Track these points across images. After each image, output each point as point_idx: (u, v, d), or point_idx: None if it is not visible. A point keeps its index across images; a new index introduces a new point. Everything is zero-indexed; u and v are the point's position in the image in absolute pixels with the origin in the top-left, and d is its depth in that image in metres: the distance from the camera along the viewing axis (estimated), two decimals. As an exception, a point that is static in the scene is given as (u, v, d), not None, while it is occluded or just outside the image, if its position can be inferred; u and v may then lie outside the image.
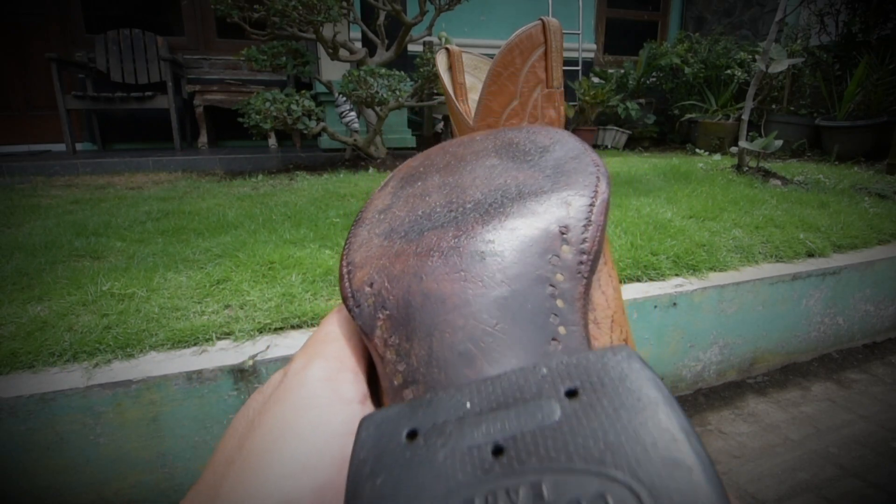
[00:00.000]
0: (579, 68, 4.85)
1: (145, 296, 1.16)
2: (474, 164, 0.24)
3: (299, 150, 3.87)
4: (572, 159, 0.22)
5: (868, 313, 1.63)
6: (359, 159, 3.35)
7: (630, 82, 4.75)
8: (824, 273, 1.50)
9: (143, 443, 0.91)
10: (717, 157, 3.65)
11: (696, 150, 4.18)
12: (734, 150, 2.96)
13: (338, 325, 0.21)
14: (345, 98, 3.29)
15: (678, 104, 4.68)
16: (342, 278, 0.21)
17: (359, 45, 3.41)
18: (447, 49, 0.43)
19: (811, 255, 1.59)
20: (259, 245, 1.48)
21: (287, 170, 3.29)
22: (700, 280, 1.37)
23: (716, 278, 1.38)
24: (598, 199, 0.20)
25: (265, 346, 1.00)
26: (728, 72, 4.40)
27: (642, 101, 4.70)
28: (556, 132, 0.25)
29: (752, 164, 2.78)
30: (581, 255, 0.18)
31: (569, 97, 4.68)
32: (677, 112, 4.69)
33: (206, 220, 1.84)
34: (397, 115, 3.80)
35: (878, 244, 1.74)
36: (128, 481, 0.92)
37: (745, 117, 2.63)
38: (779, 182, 2.52)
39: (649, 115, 4.73)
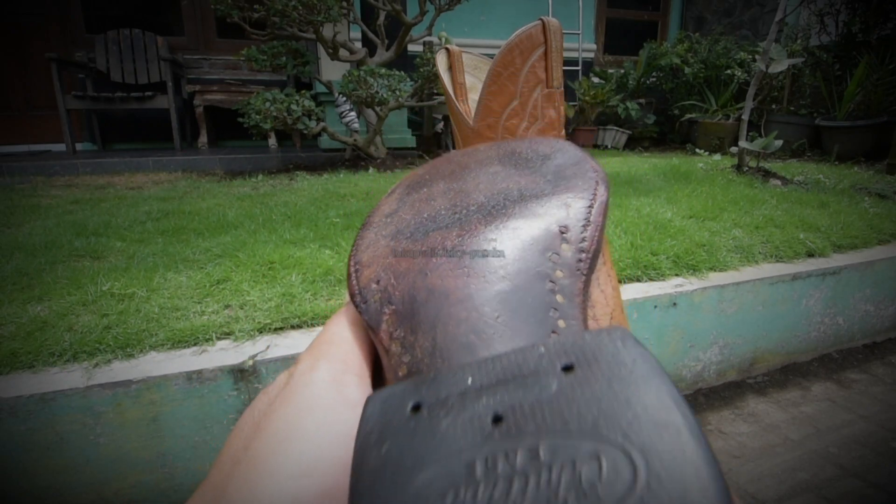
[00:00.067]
0: (579, 68, 4.86)
1: (145, 296, 1.16)
2: (478, 172, 0.25)
3: (299, 150, 3.87)
4: (572, 165, 0.23)
5: (868, 313, 1.63)
6: (359, 159, 3.35)
7: (630, 82, 4.75)
8: (824, 273, 1.50)
9: (143, 443, 0.91)
10: (717, 157, 3.65)
11: (696, 150, 4.18)
12: (734, 150, 2.96)
13: (343, 328, 0.21)
14: (345, 98, 3.29)
15: (678, 104, 4.68)
16: (350, 277, 0.22)
17: (359, 45, 3.41)
18: (447, 49, 0.43)
19: (811, 255, 1.59)
20: (259, 245, 1.48)
21: (287, 170, 3.29)
22: (700, 280, 1.37)
23: (716, 278, 1.38)
24: (596, 202, 0.21)
25: (265, 346, 1.00)
26: (728, 72, 4.40)
27: (642, 101, 4.70)
28: (558, 142, 0.25)
29: (752, 164, 2.78)
30: (580, 254, 0.19)
31: (569, 97, 4.68)
32: (677, 112, 4.69)
33: (206, 220, 1.84)
34: (397, 115, 3.80)
35: (878, 244, 1.74)
36: (128, 481, 0.92)
37: (745, 117, 2.63)
38: (779, 182, 2.52)
39: (649, 115, 4.73)
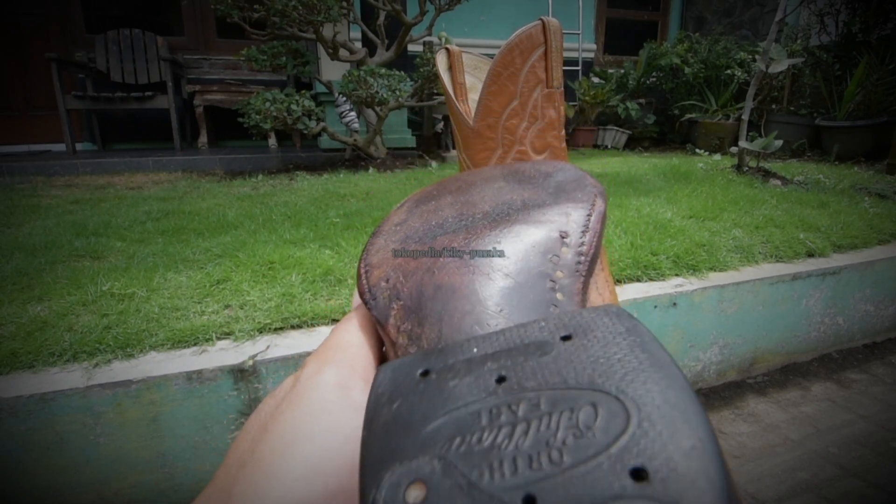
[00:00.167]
0: (579, 68, 4.86)
1: (145, 296, 1.16)
2: (483, 187, 0.27)
3: (299, 150, 3.87)
4: (573, 181, 0.25)
5: (868, 313, 1.63)
6: (359, 159, 3.35)
7: (630, 82, 4.75)
8: (824, 273, 1.50)
9: (143, 443, 0.91)
10: (717, 157, 3.65)
11: (696, 150, 4.18)
12: (734, 150, 2.96)
13: (349, 333, 0.21)
14: (345, 98, 3.29)
15: (678, 104, 4.68)
16: (360, 277, 0.23)
17: (359, 45, 3.41)
18: (447, 49, 0.43)
19: (811, 255, 1.59)
20: (259, 245, 1.48)
21: (287, 170, 3.29)
22: (700, 280, 1.37)
23: (716, 278, 1.38)
24: (595, 211, 0.22)
25: (265, 346, 1.00)
26: (728, 72, 4.40)
27: (642, 101, 4.70)
28: (559, 163, 0.27)
29: (752, 164, 2.78)
30: (579, 256, 0.20)
31: (569, 97, 4.68)
32: (677, 112, 4.69)
33: (206, 220, 1.84)
34: (397, 115, 3.80)
35: (878, 244, 1.73)
36: (128, 481, 0.92)
37: (745, 117, 2.63)
38: (779, 182, 2.52)
39: (649, 115, 4.73)
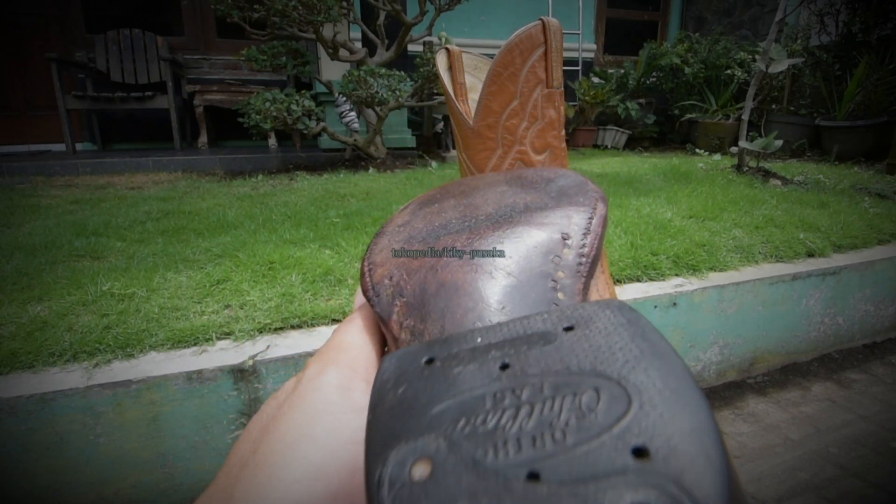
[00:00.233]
0: (579, 68, 4.85)
1: (145, 296, 1.16)
2: (486, 191, 0.27)
3: (299, 150, 3.87)
4: (574, 186, 0.25)
5: (868, 313, 1.63)
6: (359, 159, 3.35)
7: (630, 82, 4.75)
8: (824, 273, 1.50)
9: (143, 443, 0.91)
10: (717, 157, 3.65)
11: (696, 150, 4.18)
12: (734, 150, 2.96)
13: (351, 335, 0.21)
14: (345, 98, 3.28)
15: (678, 104, 4.68)
16: (363, 275, 0.23)
17: (359, 45, 3.41)
18: (447, 49, 0.43)
19: (811, 255, 1.59)
20: (259, 245, 1.48)
21: (287, 170, 3.29)
22: (700, 280, 1.37)
23: (716, 278, 1.38)
24: (596, 215, 0.22)
25: (265, 346, 1.00)
26: (728, 72, 4.40)
27: (642, 101, 4.70)
28: (561, 169, 0.28)
29: (752, 164, 2.78)
30: (581, 258, 0.20)
31: (569, 97, 4.68)
32: (677, 112, 4.69)
33: (206, 220, 1.84)
34: (397, 115, 3.80)
35: (878, 244, 1.73)
36: (128, 481, 0.92)
37: (745, 117, 2.63)
38: (779, 182, 2.52)
39: (649, 115, 4.73)
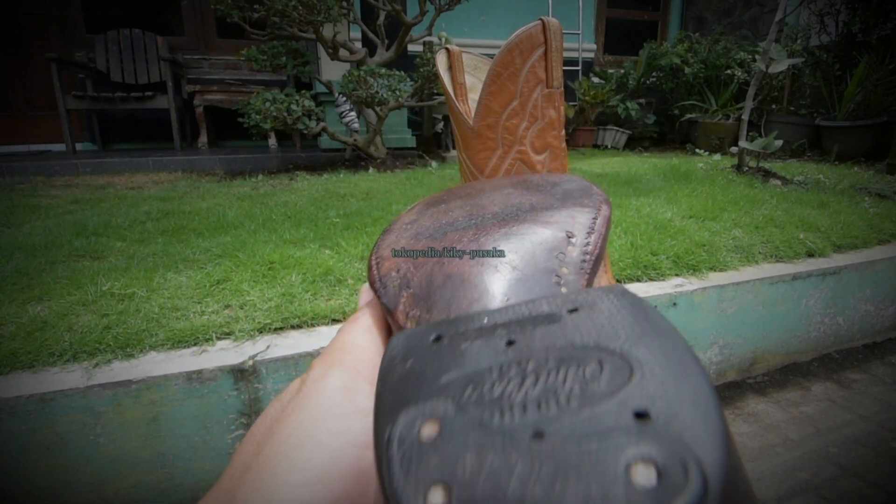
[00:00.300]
0: (579, 68, 4.85)
1: (145, 296, 1.16)
2: (492, 193, 0.28)
3: (299, 150, 3.87)
4: (579, 189, 0.26)
5: (868, 313, 1.63)
6: (359, 159, 3.35)
7: (630, 82, 4.75)
8: (824, 273, 1.50)
9: (143, 443, 0.91)
10: (717, 157, 3.65)
11: (696, 150, 4.18)
12: (734, 150, 2.96)
13: (355, 335, 0.21)
14: (345, 98, 3.28)
15: (678, 104, 4.68)
16: (371, 269, 0.23)
17: (359, 45, 3.41)
18: (447, 49, 0.43)
19: (811, 255, 1.59)
20: (259, 245, 1.48)
21: (287, 170, 3.29)
22: (700, 280, 1.37)
23: (716, 278, 1.38)
24: (600, 215, 0.23)
25: (265, 346, 1.00)
26: (728, 72, 4.40)
27: (642, 101, 4.70)
28: (566, 175, 0.29)
29: (752, 164, 2.78)
30: (584, 255, 0.21)
31: (569, 97, 4.68)
32: (677, 112, 4.69)
33: (206, 220, 1.84)
34: (397, 115, 3.80)
35: (878, 244, 1.73)
36: (128, 481, 0.92)
37: (745, 117, 2.63)
38: (779, 182, 2.52)
39: (649, 115, 4.73)
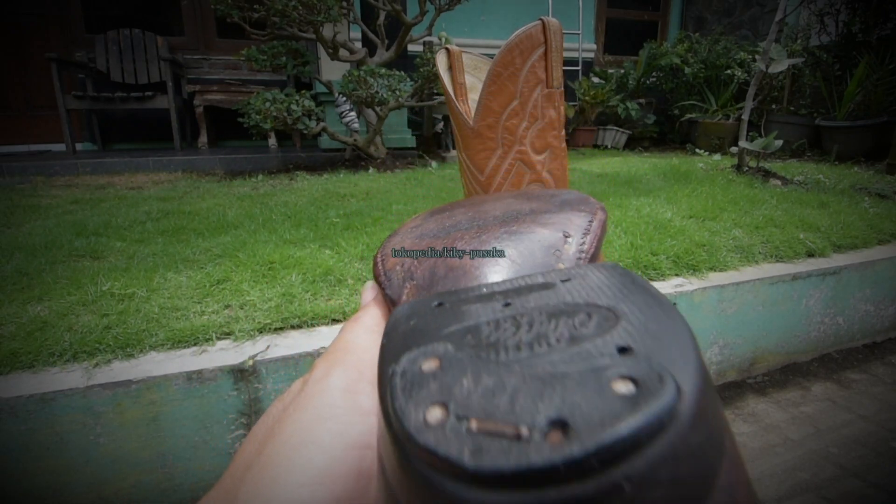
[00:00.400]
0: (579, 68, 4.85)
1: (145, 296, 1.16)
2: (494, 202, 0.30)
3: (299, 150, 3.87)
4: (577, 199, 0.27)
5: (868, 313, 1.63)
6: (359, 159, 3.35)
7: (630, 82, 4.75)
8: (824, 273, 1.50)
9: (143, 443, 0.91)
10: (717, 157, 3.65)
11: (696, 150, 4.18)
12: (734, 150, 2.96)
13: (357, 335, 0.21)
14: (345, 98, 3.28)
15: (678, 104, 4.68)
16: (376, 265, 0.25)
17: (359, 45, 3.41)
18: (447, 49, 0.43)
19: (811, 255, 1.59)
20: (259, 245, 1.48)
21: (287, 170, 3.29)
22: (700, 280, 1.37)
23: (716, 278, 1.38)
24: (596, 219, 0.24)
25: (265, 346, 1.00)
26: (728, 72, 4.40)
27: (642, 101, 4.70)
28: (566, 189, 0.31)
29: (752, 164, 2.78)
30: (580, 253, 0.22)
31: (569, 97, 4.68)
32: (677, 112, 4.68)
33: (206, 220, 1.84)
34: (397, 115, 3.80)
35: (878, 244, 1.73)
36: (128, 481, 0.92)
37: (745, 117, 2.63)
38: (779, 182, 2.52)
39: (649, 115, 4.73)
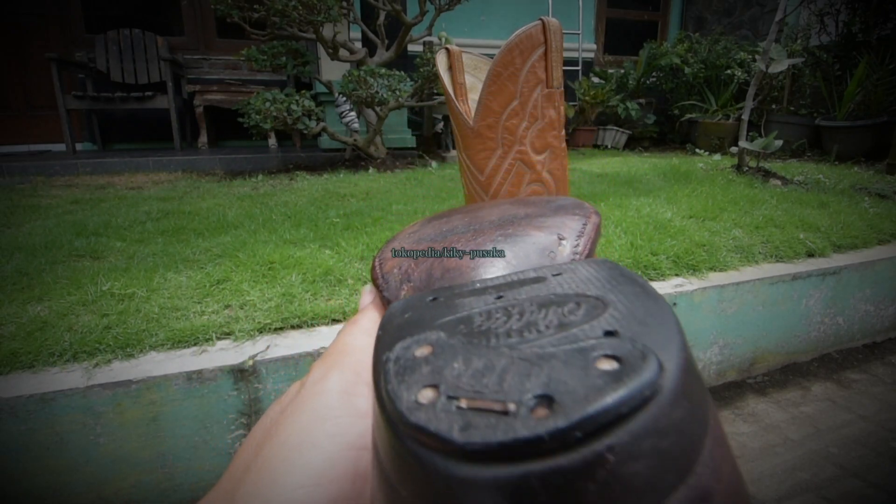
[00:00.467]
0: (579, 68, 4.85)
1: (145, 296, 1.16)
2: (491, 208, 0.31)
3: (299, 150, 3.87)
4: (571, 204, 0.28)
5: (868, 313, 1.63)
6: (359, 159, 3.35)
7: (630, 82, 4.75)
8: (824, 273, 1.50)
9: (143, 443, 0.91)
10: (717, 157, 3.65)
11: (696, 150, 4.18)
12: (734, 150, 2.96)
13: (355, 338, 0.21)
14: (345, 98, 3.28)
15: (678, 104, 4.68)
16: (374, 268, 0.25)
17: (359, 45, 3.41)
18: (447, 49, 0.43)
19: (811, 255, 1.59)
20: (259, 245, 1.48)
21: (287, 170, 3.29)
22: (700, 280, 1.37)
23: (716, 278, 1.38)
24: (590, 222, 0.25)
25: (265, 346, 1.00)
26: (728, 72, 4.40)
27: (642, 101, 4.70)
28: (562, 196, 0.31)
29: (752, 164, 2.78)
30: (574, 255, 0.22)
31: (569, 97, 4.68)
32: (677, 112, 4.68)
33: (206, 220, 1.84)
34: (397, 115, 3.80)
35: (878, 244, 1.73)
36: (128, 481, 0.92)
37: (745, 117, 2.63)
38: (779, 182, 2.52)
39: (649, 115, 4.73)
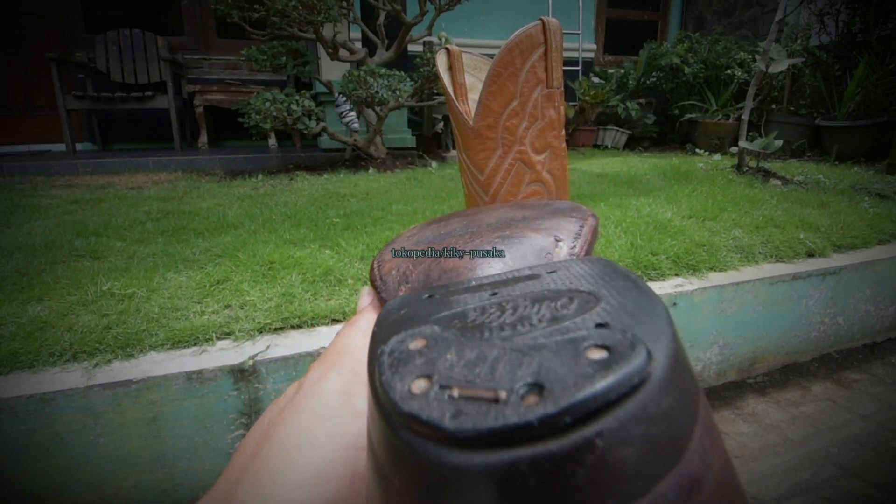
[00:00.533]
0: (579, 68, 4.85)
1: (145, 296, 1.16)
2: (489, 211, 0.31)
3: (299, 150, 3.87)
4: (569, 207, 0.28)
5: (868, 313, 1.63)
6: (359, 159, 3.35)
7: (630, 82, 4.75)
8: (824, 273, 1.50)
9: (143, 443, 0.91)
10: (717, 157, 3.65)
11: (696, 150, 4.18)
12: (734, 150, 2.96)
13: (353, 338, 0.21)
14: (345, 98, 3.28)
15: (678, 104, 4.68)
16: (372, 270, 0.26)
17: (359, 45, 3.41)
18: (447, 49, 0.43)
19: (811, 255, 1.59)
20: (259, 245, 1.48)
21: (287, 170, 3.29)
22: (700, 280, 1.37)
23: (716, 278, 1.38)
24: (587, 225, 0.25)
25: (265, 346, 1.00)
26: (728, 72, 4.40)
27: (642, 101, 4.70)
28: (559, 200, 0.31)
29: (752, 164, 2.78)
30: (571, 256, 0.22)
31: (569, 97, 4.68)
32: (677, 112, 4.68)
33: (206, 220, 1.84)
34: (397, 115, 3.80)
35: (878, 244, 1.73)
36: (128, 481, 0.92)
37: (745, 117, 2.63)
38: (779, 182, 2.52)
39: (649, 115, 4.73)
